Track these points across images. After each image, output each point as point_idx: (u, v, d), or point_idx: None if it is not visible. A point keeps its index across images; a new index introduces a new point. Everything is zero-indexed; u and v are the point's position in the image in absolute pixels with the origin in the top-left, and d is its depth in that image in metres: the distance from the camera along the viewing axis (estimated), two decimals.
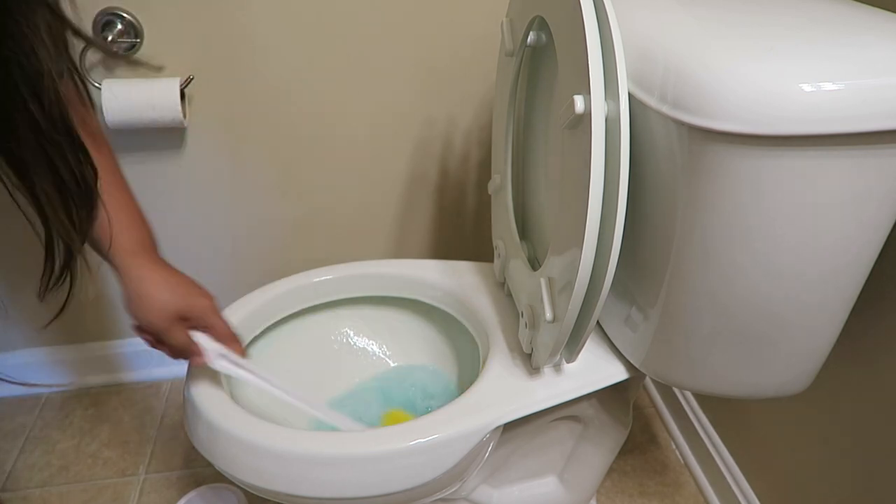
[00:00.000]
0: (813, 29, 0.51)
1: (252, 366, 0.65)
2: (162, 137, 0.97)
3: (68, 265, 0.49)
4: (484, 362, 0.72)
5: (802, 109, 0.44)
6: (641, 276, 0.63)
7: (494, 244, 0.85)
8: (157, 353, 0.63)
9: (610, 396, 0.73)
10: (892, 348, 0.64)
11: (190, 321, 0.61)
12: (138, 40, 0.87)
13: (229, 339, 0.65)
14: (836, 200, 0.49)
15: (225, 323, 0.64)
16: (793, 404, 0.80)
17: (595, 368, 0.70)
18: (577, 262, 0.54)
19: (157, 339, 0.61)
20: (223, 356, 0.63)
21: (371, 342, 0.90)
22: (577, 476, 0.83)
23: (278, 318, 0.82)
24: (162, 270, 0.60)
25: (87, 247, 0.51)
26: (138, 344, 1.23)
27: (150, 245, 0.60)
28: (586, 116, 0.50)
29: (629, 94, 0.51)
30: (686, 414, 1.05)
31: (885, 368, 0.65)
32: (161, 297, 0.58)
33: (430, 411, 0.67)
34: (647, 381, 1.21)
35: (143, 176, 1.00)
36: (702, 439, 1.00)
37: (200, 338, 0.62)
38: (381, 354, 0.90)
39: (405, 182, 1.08)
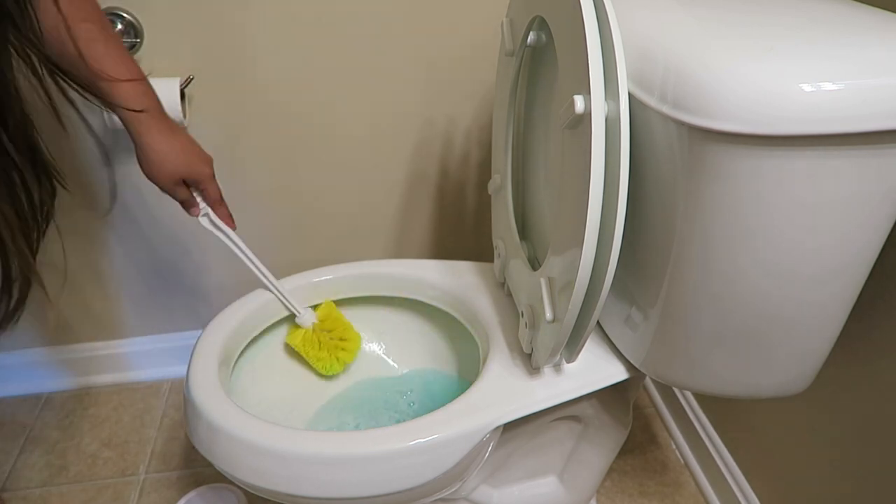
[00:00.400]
0: (813, 29, 0.51)
1: (228, 231, 0.77)
2: None
3: (24, 300, 0.48)
4: (484, 362, 0.72)
5: (802, 109, 0.44)
6: (641, 276, 0.63)
7: (494, 244, 0.85)
8: (158, 354, 0.64)
9: (610, 396, 0.73)
10: (892, 348, 0.64)
11: (189, 184, 0.71)
12: (138, 40, 0.87)
13: (217, 202, 0.75)
14: (836, 200, 0.49)
15: (217, 188, 0.74)
16: (793, 404, 0.80)
17: (595, 368, 0.70)
18: (577, 262, 0.54)
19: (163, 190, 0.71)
20: (207, 216, 0.75)
21: (371, 342, 0.90)
22: (578, 476, 0.83)
23: (279, 317, 0.82)
24: (168, 135, 0.67)
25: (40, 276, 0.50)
26: (138, 344, 1.24)
27: (155, 102, 0.66)
28: (586, 116, 0.50)
29: (629, 94, 0.51)
30: (686, 414, 1.05)
31: (886, 368, 0.65)
32: (169, 164, 0.67)
33: (428, 411, 0.67)
34: (647, 381, 1.21)
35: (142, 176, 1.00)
36: (702, 439, 1.00)
37: (197, 197, 0.74)
38: (381, 354, 0.90)
39: (405, 182, 1.08)
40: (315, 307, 0.84)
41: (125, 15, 0.86)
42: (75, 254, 1.06)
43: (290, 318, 0.84)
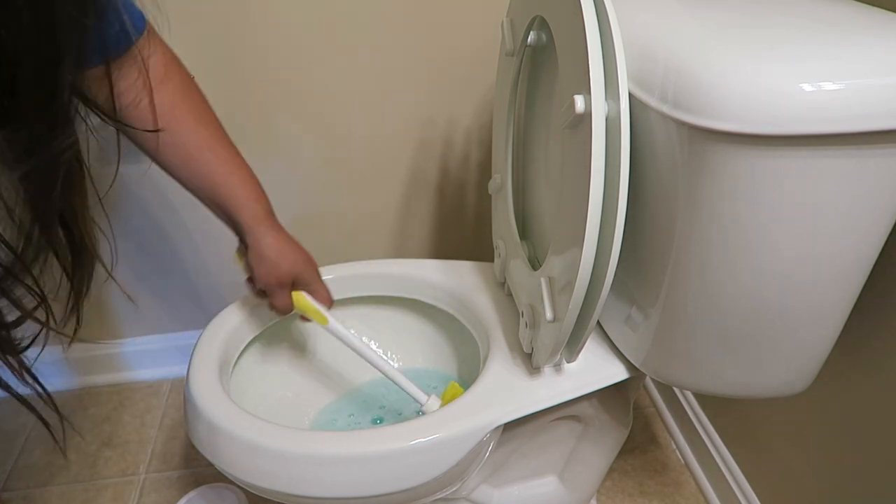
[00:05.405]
0: (813, 29, 0.51)
1: (346, 337, 0.75)
2: None
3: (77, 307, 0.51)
4: (484, 362, 0.72)
5: (803, 109, 0.44)
6: (642, 276, 0.63)
7: (495, 244, 0.85)
8: (158, 354, 0.64)
9: (610, 396, 0.73)
10: (892, 348, 0.64)
11: (296, 285, 0.71)
12: None
13: (326, 299, 0.74)
14: (837, 200, 0.49)
15: (325, 288, 0.74)
16: (793, 404, 0.80)
17: (595, 368, 0.70)
18: (578, 262, 0.54)
19: (262, 292, 0.71)
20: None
21: (371, 342, 0.90)
22: (578, 476, 0.83)
23: (279, 317, 0.82)
24: (281, 238, 0.69)
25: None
26: (138, 344, 1.24)
27: (271, 212, 0.70)
28: (587, 116, 0.50)
29: (629, 93, 0.51)
30: (686, 414, 1.05)
31: (886, 368, 0.65)
32: (280, 265, 0.68)
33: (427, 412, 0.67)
34: (647, 380, 1.21)
35: (142, 176, 1.00)
36: (702, 439, 1.00)
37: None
38: (381, 354, 0.90)
39: (406, 182, 1.08)
40: (443, 393, 0.75)
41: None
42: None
43: (292, 318, 0.83)
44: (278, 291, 0.70)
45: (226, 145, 0.68)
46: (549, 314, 0.61)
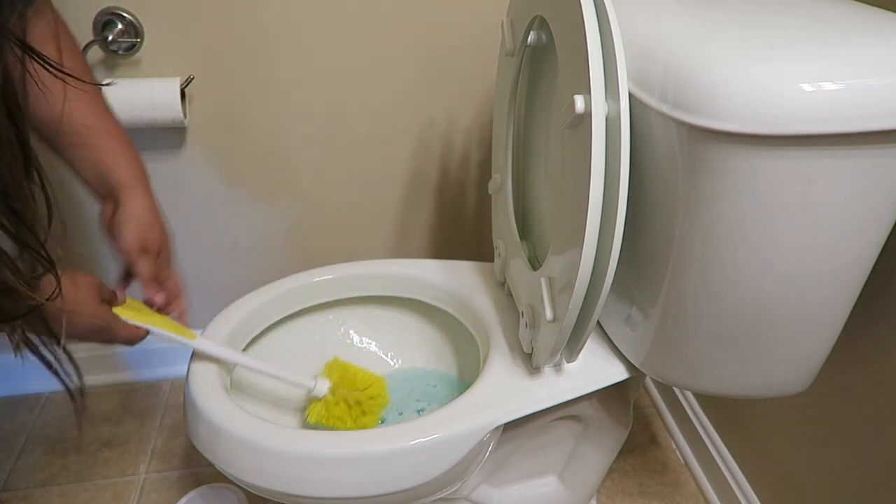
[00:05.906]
0: (813, 29, 0.51)
1: (216, 351, 0.71)
2: (162, 137, 0.97)
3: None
4: (484, 362, 0.72)
5: (803, 109, 0.44)
6: (642, 276, 0.63)
7: (495, 244, 0.85)
8: (158, 354, 0.64)
9: (610, 396, 0.73)
10: (892, 348, 0.64)
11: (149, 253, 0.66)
12: (138, 40, 0.88)
13: (176, 290, 0.70)
14: (836, 200, 0.49)
15: (175, 278, 0.70)
16: (793, 404, 0.80)
17: (595, 368, 0.70)
18: (578, 262, 0.54)
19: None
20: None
21: (371, 342, 0.90)
22: (578, 476, 0.83)
23: (279, 317, 0.82)
24: (155, 206, 0.66)
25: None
26: (138, 344, 1.23)
27: (149, 180, 0.66)
28: (587, 116, 0.50)
29: (629, 93, 0.51)
30: (686, 414, 1.05)
31: (886, 368, 0.65)
32: (153, 227, 0.65)
33: (428, 412, 0.67)
34: (647, 380, 1.21)
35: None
36: (702, 439, 1.00)
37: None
38: (381, 354, 0.90)
39: (405, 182, 1.08)
40: (325, 371, 0.78)
41: (125, 15, 0.86)
42: (74, 254, 1.06)
43: (291, 317, 0.84)
44: (142, 258, 0.64)
45: (110, 114, 0.65)
46: (549, 314, 0.61)
